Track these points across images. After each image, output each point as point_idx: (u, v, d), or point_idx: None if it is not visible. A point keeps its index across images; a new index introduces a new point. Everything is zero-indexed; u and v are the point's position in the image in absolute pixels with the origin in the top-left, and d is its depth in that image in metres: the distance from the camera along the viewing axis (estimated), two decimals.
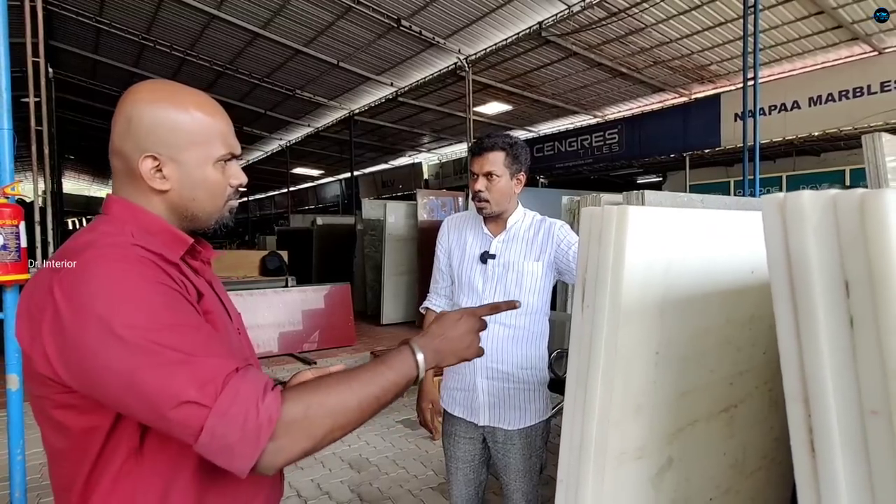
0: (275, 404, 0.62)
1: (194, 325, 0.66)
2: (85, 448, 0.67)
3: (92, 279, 0.62)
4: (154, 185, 0.74)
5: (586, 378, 0.63)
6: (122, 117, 0.73)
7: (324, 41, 9.58)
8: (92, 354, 0.60)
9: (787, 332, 0.42)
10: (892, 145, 3.10)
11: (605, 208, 0.59)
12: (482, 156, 1.58)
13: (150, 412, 0.61)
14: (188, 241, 0.78)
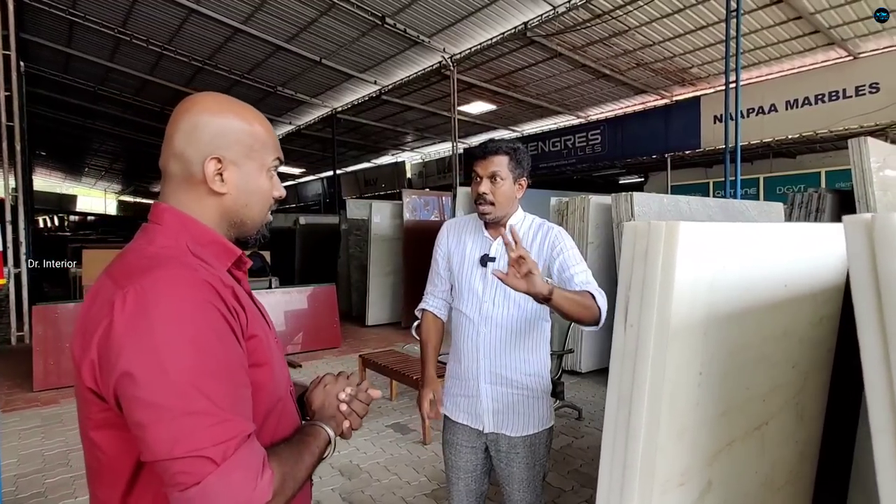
0: (269, 487, 0.65)
1: (233, 372, 0.68)
2: (118, 472, 0.69)
3: (158, 304, 0.64)
4: (214, 187, 0.77)
5: (630, 400, 0.59)
6: (186, 123, 0.76)
7: (306, 38, 9.44)
8: (134, 378, 0.62)
9: (874, 359, 0.40)
10: (876, 149, 3.16)
11: (651, 224, 0.56)
12: (486, 158, 1.56)
13: (161, 449, 0.61)
14: (237, 252, 0.81)
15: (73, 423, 3.90)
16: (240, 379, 0.69)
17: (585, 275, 1.54)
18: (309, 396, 0.93)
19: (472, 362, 1.59)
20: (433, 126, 15.33)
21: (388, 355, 4.32)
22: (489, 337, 1.57)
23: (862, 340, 0.41)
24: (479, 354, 1.58)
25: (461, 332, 1.64)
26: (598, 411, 4.08)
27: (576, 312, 1.39)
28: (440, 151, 18.49)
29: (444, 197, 8.41)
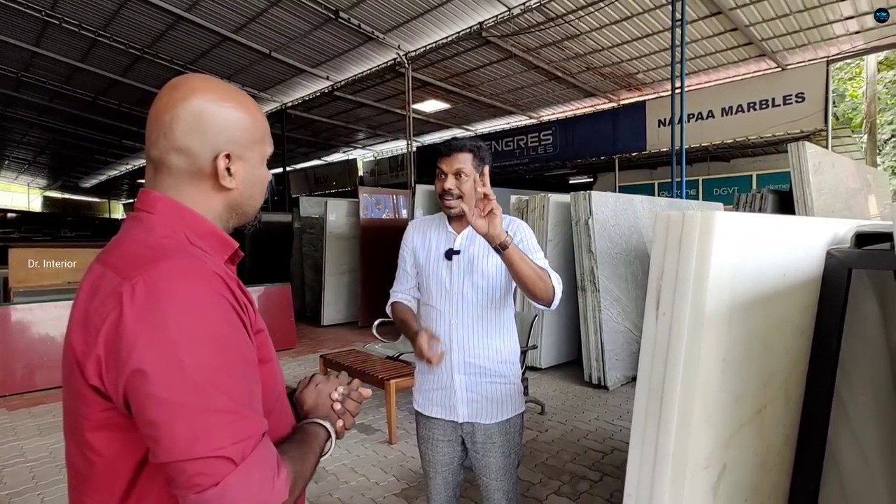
0: (285, 486, 0.63)
1: (247, 365, 0.66)
2: (115, 476, 0.64)
3: (171, 296, 0.60)
4: (224, 182, 0.74)
5: (662, 387, 0.60)
6: (187, 113, 0.71)
7: (255, 29, 9.08)
8: (148, 374, 0.58)
9: None
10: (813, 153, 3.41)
11: (686, 214, 0.57)
12: (451, 155, 1.61)
13: (178, 449, 0.58)
14: (234, 244, 0.78)
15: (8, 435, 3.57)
16: (253, 374, 0.67)
17: (543, 262, 1.60)
18: (300, 396, 0.90)
19: (445, 355, 1.61)
20: (386, 124, 15.20)
21: (349, 355, 4.24)
22: (461, 327, 1.61)
23: None
24: (451, 346, 1.61)
25: (432, 326, 1.66)
26: (560, 405, 4.19)
27: (528, 276, 1.44)
28: (393, 149, 18.36)
29: (398, 195, 8.34)
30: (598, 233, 4.50)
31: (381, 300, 1.90)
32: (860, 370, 1.11)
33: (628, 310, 4.75)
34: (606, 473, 2.99)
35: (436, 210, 6.37)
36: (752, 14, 7.91)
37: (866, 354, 1.11)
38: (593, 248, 4.45)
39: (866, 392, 1.12)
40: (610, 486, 2.85)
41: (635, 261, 4.89)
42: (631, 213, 4.97)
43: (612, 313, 4.55)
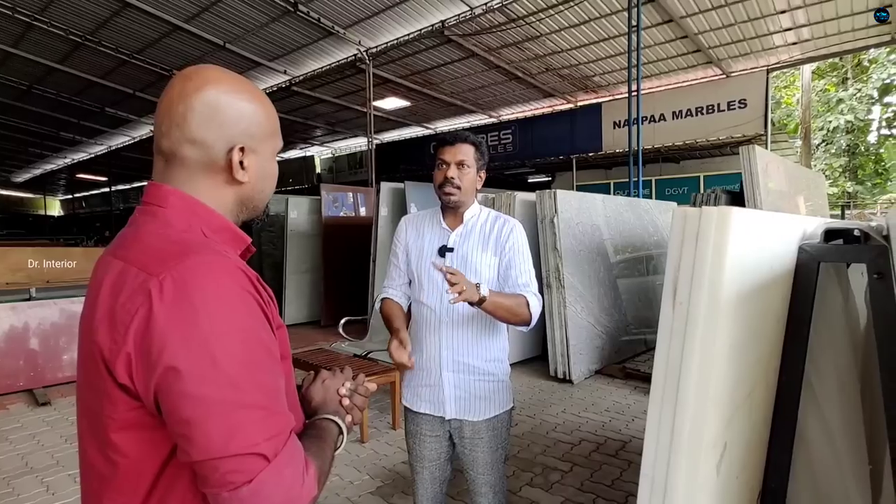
0: (314, 482, 0.64)
1: (274, 362, 0.65)
2: (139, 477, 0.63)
3: (200, 292, 0.59)
4: (238, 176, 0.72)
5: (679, 372, 0.64)
6: (202, 105, 0.69)
7: (208, 19, 8.74)
8: (181, 372, 0.57)
9: None
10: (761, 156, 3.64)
11: (703, 210, 0.62)
12: (455, 146, 1.62)
13: (214, 446, 0.57)
14: (247, 239, 0.77)
15: None
16: (279, 370, 0.67)
17: (528, 276, 1.64)
18: (307, 393, 0.90)
19: (434, 351, 1.63)
20: (345, 120, 14.98)
21: (316, 354, 4.17)
22: (451, 326, 1.61)
23: None
24: (441, 343, 1.62)
25: (423, 323, 1.66)
26: (528, 400, 4.28)
27: (504, 318, 1.55)
28: (351, 146, 18.12)
29: (360, 193, 8.25)
30: (563, 231, 4.62)
31: (344, 299, 1.89)
32: (826, 355, 1.20)
33: (591, 306, 4.91)
34: (576, 464, 3.09)
35: (401, 208, 6.35)
36: (700, 23, 8.32)
37: (832, 341, 1.20)
38: (558, 246, 4.57)
39: (831, 375, 1.21)
40: (580, 475, 2.94)
41: (597, 258, 5.05)
42: (593, 209, 5.13)
43: (576, 309, 4.69)
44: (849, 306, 1.22)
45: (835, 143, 18.64)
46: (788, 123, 17.79)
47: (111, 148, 18.51)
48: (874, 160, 18.39)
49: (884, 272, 1.01)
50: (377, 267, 6.16)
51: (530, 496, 2.72)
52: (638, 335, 5.61)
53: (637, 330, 5.60)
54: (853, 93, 17.65)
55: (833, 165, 18.83)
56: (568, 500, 2.69)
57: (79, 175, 23.72)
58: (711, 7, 7.80)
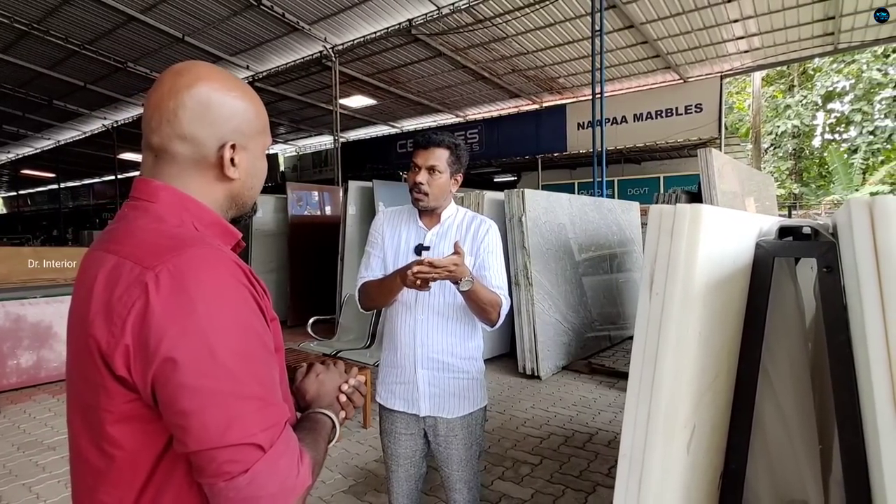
0: (308, 470, 0.65)
1: (269, 353, 0.67)
2: (135, 470, 0.63)
3: (197, 284, 0.60)
4: (228, 173, 0.73)
5: (655, 358, 0.69)
6: (194, 101, 0.69)
7: (166, 10, 8.44)
8: (179, 363, 0.57)
9: (873, 307, 0.53)
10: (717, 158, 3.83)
11: (677, 207, 0.66)
12: (428, 150, 1.59)
13: (210, 437, 0.58)
14: (237, 234, 0.77)
15: None
16: (273, 362, 0.68)
17: (501, 279, 1.64)
18: (301, 386, 0.90)
19: (408, 349, 1.62)
20: (310, 118, 14.76)
21: (286, 354, 4.11)
22: (426, 323, 1.61)
23: (863, 296, 0.55)
24: (415, 341, 1.61)
25: (397, 320, 1.65)
26: (498, 396, 4.35)
27: (478, 308, 1.54)
28: (316, 145, 17.86)
29: (326, 192, 8.16)
30: (531, 229, 4.72)
31: (311, 298, 1.86)
32: (780, 344, 1.29)
33: (558, 303, 5.02)
34: (545, 457, 3.17)
35: (369, 207, 6.32)
36: (659, 29, 8.62)
37: (785, 330, 1.29)
38: (526, 244, 4.66)
39: (785, 362, 1.30)
40: (549, 467, 3.02)
41: (564, 256, 5.18)
42: (559, 208, 5.25)
43: (544, 306, 4.79)
44: (799, 298, 1.31)
45: (782, 147, 19.67)
46: (740, 127, 18.64)
47: (59, 143, 17.61)
48: (818, 163, 19.50)
49: (832, 266, 1.10)
50: (345, 266, 6.11)
51: (501, 489, 2.78)
52: (603, 331, 5.78)
53: (602, 326, 5.77)
54: (799, 99, 18.66)
55: (781, 168, 19.86)
56: (538, 491, 2.76)
57: (24, 171, 22.42)
58: (670, 14, 8.10)
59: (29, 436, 3.53)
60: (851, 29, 8.37)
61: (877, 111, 17.10)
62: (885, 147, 16.90)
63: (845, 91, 18.08)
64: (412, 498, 1.73)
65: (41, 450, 3.30)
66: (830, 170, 17.40)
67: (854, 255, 0.59)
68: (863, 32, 8.50)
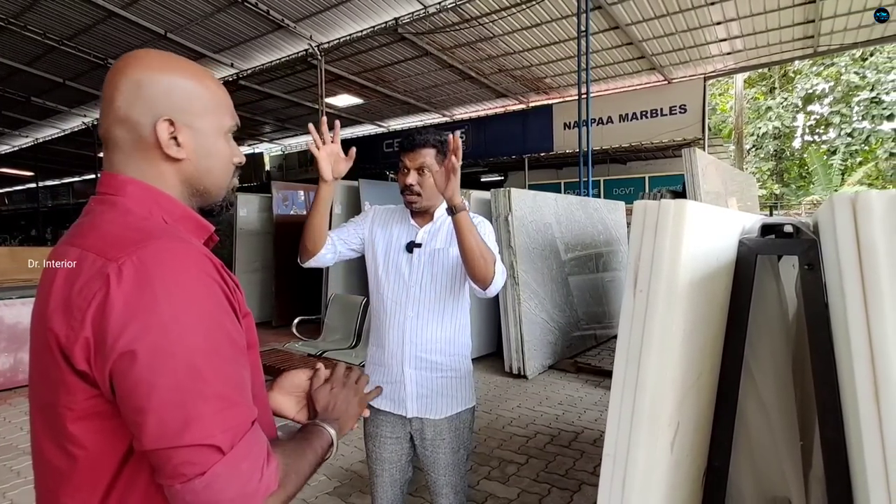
0: (274, 475, 0.62)
1: (238, 351, 0.64)
2: (99, 470, 0.61)
3: (160, 277, 0.58)
4: (170, 151, 0.69)
5: (639, 355, 0.68)
6: (127, 83, 0.68)
7: (147, 6, 8.29)
8: (137, 358, 0.55)
9: (855, 303, 0.53)
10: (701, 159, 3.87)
11: (661, 203, 0.66)
12: (415, 150, 1.58)
13: (164, 436, 0.56)
14: (210, 228, 0.75)
15: None
16: (243, 360, 0.65)
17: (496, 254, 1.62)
18: (315, 393, 0.89)
19: (396, 347, 1.60)
20: (296, 117, 14.61)
21: (270, 355, 4.07)
22: (416, 320, 1.58)
23: (846, 289, 0.54)
24: (404, 338, 1.58)
25: (386, 318, 1.63)
26: (484, 396, 4.35)
27: (471, 248, 1.43)
28: (302, 144, 17.70)
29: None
30: (518, 228, 4.72)
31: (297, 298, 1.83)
32: (763, 341, 1.30)
33: (545, 302, 5.04)
34: (532, 456, 3.17)
35: (355, 206, 6.27)
36: (644, 30, 8.70)
37: (768, 327, 1.30)
38: (513, 244, 4.66)
39: (767, 359, 1.31)
40: (535, 466, 3.02)
41: (550, 256, 5.19)
42: (546, 207, 5.27)
43: (530, 305, 4.80)
44: (781, 296, 1.32)
45: (763, 148, 20.00)
46: (723, 129, 18.91)
47: (38, 141, 17.21)
48: (798, 164, 19.87)
49: (813, 263, 1.11)
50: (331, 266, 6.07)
51: (488, 489, 2.77)
52: (588, 330, 5.81)
53: (587, 325, 5.80)
54: (780, 101, 19.00)
55: (762, 169, 20.20)
56: (524, 491, 2.76)
57: (1, 170, 21.89)
58: (654, 16, 8.17)
59: (3, 440, 3.44)
60: (831, 32, 8.53)
61: (855, 113, 17.48)
62: (863, 148, 17.28)
63: (824, 93, 18.45)
64: (396, 502, 1.69)
65: (17, 454, 3.21)
66: (810, 171, 17.75)
67: (836, 250, 0.59)
68: (841, 36, 8.67)
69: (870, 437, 0.61)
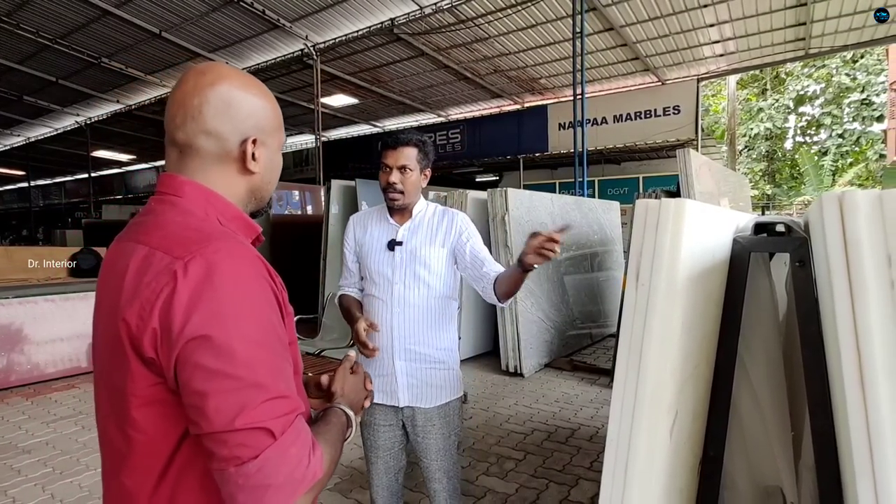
0: (320, 462, 0.65)
1: (284, 346, 0.69)
2: (156, 453, 0.65)
3: (221, 275, 0.63)
4: (250, 166, 0.76)
5: (641, 345, 0.72)
6: (217, 99, 0.73)
7: (142, 5, 8.28)
8: (199, 346, 0.60)
9: (842, 294, 0.57)
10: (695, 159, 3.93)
11: (662, 201, 0.70)
12: (397, 150, 1.65)
13: (222, 419, 0.60)
14: (258, 228, 0.80)
15: None
16: (287, 355, 0.70)
17: (492, 260, 1.72)
18: (331, 381, 0.93)
19: (386, 341, 1.67)
20: (290, 117, 14.59)
21: None
22: (402, 316, 1.66)
23: (833, 282, 0.59)
24: (392, 333, 1.66)
25: (374, 315, 1.70)
26: (482, 394, 4.39)
27: (514, 289, 1.61)
28: (297, 144, 17.68)
29: (307, 191, 8.11)
30: (514, 228, 4.77)
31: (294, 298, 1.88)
32: (756, 335, 1.35)
33: (541, 301, 5.09)
34: (529, 452, 3.21)
35: (352, 206, 6.29)
36: (638, 32, 8.78)
37: (760, 322, 1.35)
38: (510, 243, 4.71)
39: (760, 352, 1.36)
40: (533, 462, 3.07)
41: None
42: (542, 207, 5.32)
43: (526, 304, 4.85)
44: (773, 292, 1.37)
45: (756, 149, 20.19)
46: (716, 129, 19.07)
47: (30, 140, 17.09)
48: (790, 165, 20.08)
49: (804, 260, 1.15)
50: (328, 265, 6.09)
51: (487, 485, 2.81)
52: (584, 329, 5.87)
53: (583, 324, 5.85)
54: (772, 103, 19.19)
55: (754, 169, 20.39)
56: (522, 486, 2.80)
57: None
58: (648, 18, 8.25)
59: (3, 439, 3.44)
60: (822, 35, 8.64)
61: (846, 115, 17.69)
62: (854, 149, 17.49)
63: (816, 95, 18.66)
64: (392, 490, 1.77)
65: (16, 453, 3.22)
66: (802, 171, 17.93)
67: (825, 246, 0.63)
68: (832, 38, 8.79)
69: (856, 425, 0.66)
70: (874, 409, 0.60)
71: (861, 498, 0.66)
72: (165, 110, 0.75)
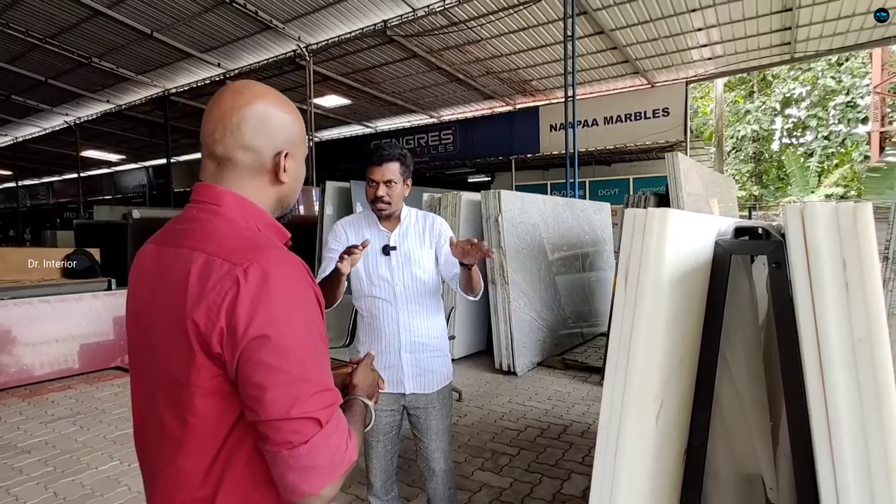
0: (355, 448, 0.74)
1: (325, 343, 0.76)
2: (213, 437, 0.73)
3: (276, 280, 0.71)
4: (282, 177, 0.84)
5: (629, 341, 0.80)
6: (254, 116, 0.80)
7: (134, 4, 8.24)
8: (261, 345, 0.68)
9: (804, 293, 0.65)
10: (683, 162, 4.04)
11: (648, 210, 0.78)
12: (382, 166, 1.78)
13: (278, 409, 0.68)
14: (287, 233, 0.88)
15: None
16: (327, 352, 0.78)
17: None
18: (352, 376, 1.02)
19: (393, 338, 1.84)
20: None
21: None
22: (406, 313, 1.83)
23: (795, 281, 0.66)
24: (399, 329, 1.83)
25: (379, 315, 1.85)
26: (476, 392, 4.47)
27: (477, 283, 1.82)
28: None
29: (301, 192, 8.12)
30: (507, 229, 4.85)
31: None
32: (737, 332, 1.44)
33: (533, 301, 5.18)
34: (523, 448, 3.30)
35: (346, 207, 6.34)
36: (628, 36, 8.91)
37: (741, 320, 1.44)
38: (503, 244, 4.79)
39: (740, 348, 1.45)
40: (526, 458, 3.15)
41: (538, 256, 5.33)
42: (535, 209, 5.41)
43: (519, 304, 4.93)
44: (753, 292, 1.46)
45: (743, 151, 20.48)
46: (704, 131, 19.31)
47: (17, 139, 16.90)
48: (777, 167, 20.38)
49: (780, 262, 1.24)
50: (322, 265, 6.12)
51: (482, 479, 2.89)
52: (575, 328, 5.97)
53: (574, 323, 5.95)
54: (759, 105, 19.47)
55: (742, 171, 20.67)
56: (517, 480, 2.88)
57: None
58: (638, 22, 8.38)
59: (2, 439, 3.46)
60: (807, 39, 8.83)
61: (831, 117, 18.01)
62: (839, 151, 17.81)
63: (802, 97, 18.96)
64: (388, 473, 1.93)
65: (16, 453, 3.24)
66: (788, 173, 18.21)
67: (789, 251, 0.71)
68: (817, 42, 8.98)
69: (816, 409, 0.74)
70: (832, 395, 0.68)
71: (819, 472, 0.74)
72: (202, 126, 0.82)
